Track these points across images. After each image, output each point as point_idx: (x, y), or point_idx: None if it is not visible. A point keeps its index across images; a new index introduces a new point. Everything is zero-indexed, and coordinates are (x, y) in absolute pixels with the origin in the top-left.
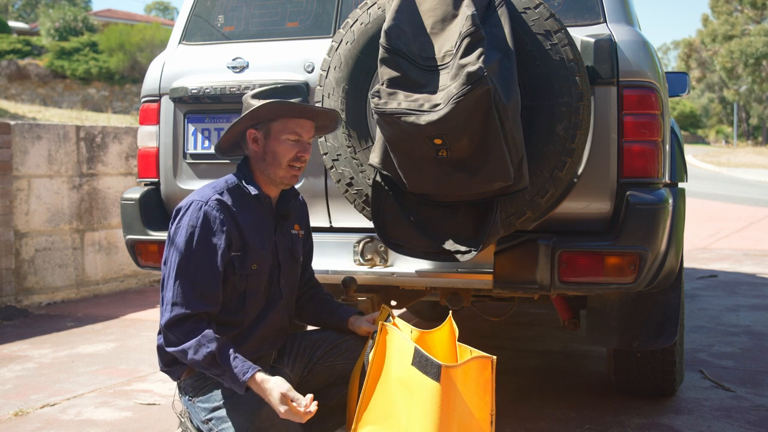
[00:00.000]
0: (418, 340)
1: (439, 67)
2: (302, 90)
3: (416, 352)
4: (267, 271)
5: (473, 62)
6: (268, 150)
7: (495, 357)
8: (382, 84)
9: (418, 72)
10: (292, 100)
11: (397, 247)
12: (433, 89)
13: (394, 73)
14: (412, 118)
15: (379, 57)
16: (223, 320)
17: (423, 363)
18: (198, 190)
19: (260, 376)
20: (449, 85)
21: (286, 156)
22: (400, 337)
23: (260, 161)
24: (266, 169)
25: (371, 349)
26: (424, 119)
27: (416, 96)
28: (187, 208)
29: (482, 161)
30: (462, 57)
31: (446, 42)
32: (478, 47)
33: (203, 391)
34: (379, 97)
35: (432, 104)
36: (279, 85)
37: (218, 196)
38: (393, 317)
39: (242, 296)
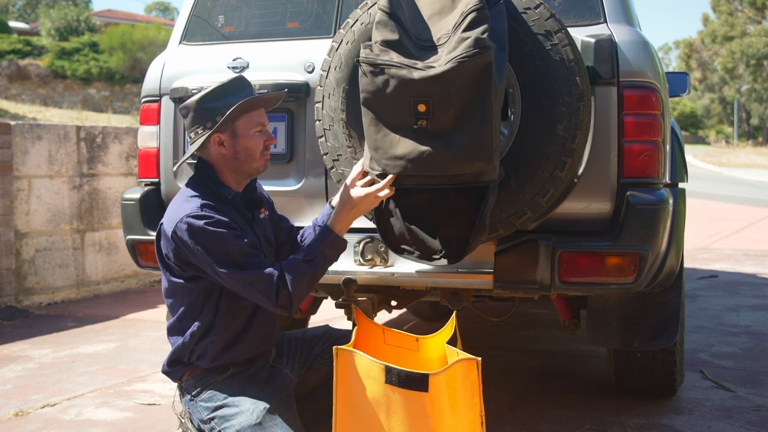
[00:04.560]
0: (412, 347)
1: (436, 46)
2: (245, 78)
3: (388, 370)
4: None
5: (479, 33)
6: (239, 149)
7: (480, 358)
8: (376, 43)
9: (414, 46)
10: (255, 95)
11: (401, 252)
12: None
13: (391, 36)
14: (403, 72)
15: (377, 20)
16: (220, 321)
17: (402, 378)
18: (178, 207)
19: (332, 220)
20: (449, 54)
21: (258, 148)
22: (363, 359)
23: (231, 161)
24: (241, 166)
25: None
26: (418, 74)
27: (410, 60)
28: (185, 224)
29: (465, 136)
30: (465, 30)
31: (443, 29)
32: (483, 23)
33: (205, 390)
34: (371, 50)
35: (427, 65)
36: (224, 82)
37: (203, 202)
38: (360, 318)
39: (238, 296)
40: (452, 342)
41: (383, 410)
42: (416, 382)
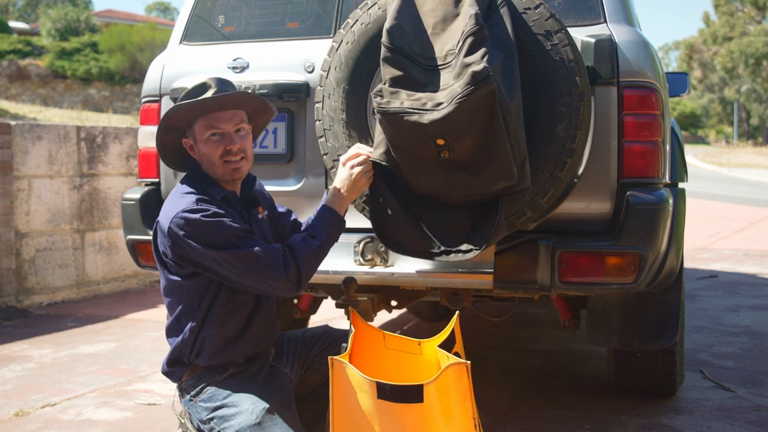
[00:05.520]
0: (414, 351)
1: (440, 67)
2: (218, 81)
3: (380, 386)
4: None
5: (477, 61)
6: (201, 154)
7: (469, 362)
8: (385, 83)
9: (421, 71)
10: (205, 96)
11: (397, 247)
12: (435, 88)
13: (397, 72)
14: (414, 117)
15: (381, 56)
16: (218, 314)
17: (395, 393)
18: (173, 204)
19: (330, 200)
20: (452, 84)
21: (215, 154)
22: (356, 374)
23: (204, 165)
24: (210, 171)
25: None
26: (427, 118)
27: (419, 95)
28: (181, 219)
29: (485, 162)
30: (466, 56)
31: (448, 41)
32: (482, 46)
33: (205, 391)
34: (382, 97)
35: (435, 103)
36: (193, 86)
37: (199, 197)
38: (358, 322)
39: (236, 291)
40: (449, 344)
41: (377, 422)
42: (410, 394)
